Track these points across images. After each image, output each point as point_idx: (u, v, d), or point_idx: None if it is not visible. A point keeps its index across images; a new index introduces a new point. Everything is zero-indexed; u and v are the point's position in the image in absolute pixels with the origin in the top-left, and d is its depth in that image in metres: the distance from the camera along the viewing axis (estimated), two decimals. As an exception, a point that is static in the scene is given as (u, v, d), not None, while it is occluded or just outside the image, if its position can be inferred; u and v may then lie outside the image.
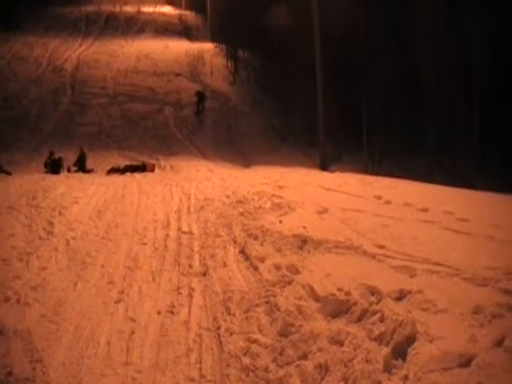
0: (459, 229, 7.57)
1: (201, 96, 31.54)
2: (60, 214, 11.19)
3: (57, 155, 22.02)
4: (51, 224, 10.49)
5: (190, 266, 8.15)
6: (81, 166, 21.61)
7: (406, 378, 4.00)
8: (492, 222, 7.86)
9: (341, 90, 23.13)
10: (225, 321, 6.00)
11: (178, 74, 36.68)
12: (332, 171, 18.46)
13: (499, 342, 4.08)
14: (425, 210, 8.99)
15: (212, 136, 27.24)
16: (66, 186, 14.16)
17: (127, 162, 22.19)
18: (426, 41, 20.75)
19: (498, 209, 9.40)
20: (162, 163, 22.99)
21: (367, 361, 4.37)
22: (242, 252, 8.33)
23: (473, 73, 18.74)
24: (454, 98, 19.50)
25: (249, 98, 33.38)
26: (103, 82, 34.55)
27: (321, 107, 21.40)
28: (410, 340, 4.38)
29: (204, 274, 7.73)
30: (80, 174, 19.45)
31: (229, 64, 38.15)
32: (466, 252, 6.49)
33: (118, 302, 6.94)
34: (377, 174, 17.08)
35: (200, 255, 8.66)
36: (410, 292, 5.30)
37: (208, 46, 42.84)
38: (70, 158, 22.19)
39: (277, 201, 10.81)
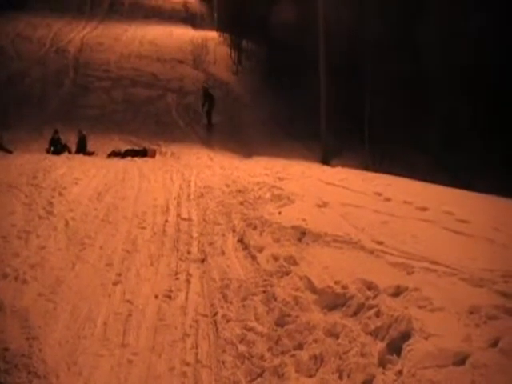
0: (458, 229, 7.59)
1: (208, 95, 27.73)
2: (60, 194, 11.23)
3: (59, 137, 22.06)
4: (51, 204, 10.53)
5: (189, 252, 8.19)
6: (81, 149, 21.60)
7: (400, 373, 4.04)
8: (492, 224, 7.89)
9: (344, 86, 23.09)
10: (222, 308, 6.05)
11: (181, 61, 36.52)
12: (333, 166, 18.49)
13: (494, 343, 4.12)
14: (424, 208, 9.00)
15: (214, 125, 27.15)
16: (67, 167, 14.17)
17: (128, 147, 22.21)
18: (431, 39, 20.72)
19: (499, 212, 9.43)
20: (163, 149, 22.98)
21: (362, 354, 4.41)
22: (241, 241, 8.36)
23: (479, 72, 18.67)
24: (458, 98, 19.47)
25: (252, 89, 33.29)
26: (106, 65, 34.40)
27: (323, 101, 21.43)
28: (406, 336, 4.42)
29: (202, 261, 7.78)
30: (81, 156, 19.42)
31: (232, 54, 38.00)
32: (465, 253, 6.52)
33: (115, 283, 6.99)
34: (377, 170, 17.07)
35: (199, 242, 8.70)
36: (406, 289, 5.34)
37: (212, 35, 42.57)
38: (71, 139, 22.21)
39: (277, 192, 10.83)
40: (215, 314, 5.94)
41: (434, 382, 3.75)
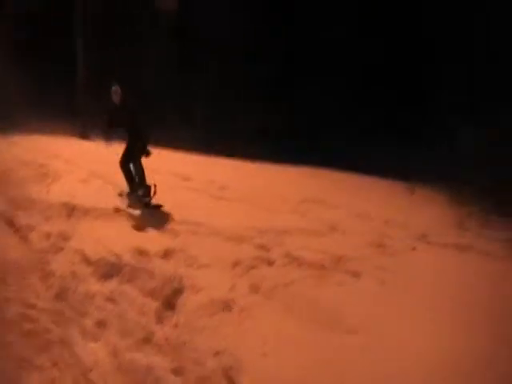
0: (220, 195, 8.39)
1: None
2: None
3: None
4: None
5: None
6: None
7: (176, 325, 4.57)
8: (248, 189, 8.78)
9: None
10: (1, 290, 6.07)
11: None
12: (94, 140, 18.27)
13: (256, 289, 4.86)
14: (190, 179, 9.67)
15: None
16: None
17: None
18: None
19: (255, 177, 10.38)
20: None
21: (141, 314, 4.86)
22: (10, 223, 8.27)
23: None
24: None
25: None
26: None
27: (80, 70, 20.27)
28: (178, 292, 4.98)
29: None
30: None
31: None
32: (226, 215, 7.24)
33: None
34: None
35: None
36: (174, 251, 5.91)
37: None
38: None
39: (43, 170, 10.73)
40: (-6, 297, 5.95)
41: (207, 328, 4.34)
